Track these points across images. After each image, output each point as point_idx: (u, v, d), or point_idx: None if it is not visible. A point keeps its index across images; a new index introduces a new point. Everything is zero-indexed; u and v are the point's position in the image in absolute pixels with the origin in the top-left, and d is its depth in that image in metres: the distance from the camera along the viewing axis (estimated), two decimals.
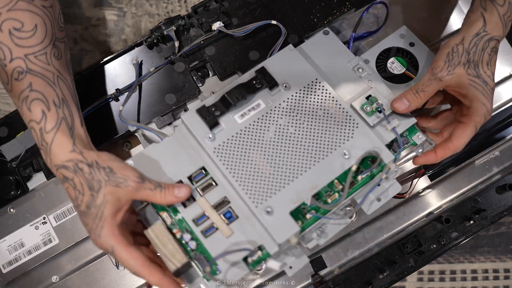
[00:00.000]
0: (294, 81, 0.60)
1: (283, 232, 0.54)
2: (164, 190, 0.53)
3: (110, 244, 0.51)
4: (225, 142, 0.57)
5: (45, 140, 0.53)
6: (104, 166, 0.52)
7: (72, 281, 0.68)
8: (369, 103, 0.59)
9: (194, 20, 0.69)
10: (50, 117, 0.53)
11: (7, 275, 0.67)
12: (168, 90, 0.68)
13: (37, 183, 0.68)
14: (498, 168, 0.70)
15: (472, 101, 0.57)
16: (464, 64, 0.56)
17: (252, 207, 0.55)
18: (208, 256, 0.54)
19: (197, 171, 0.57)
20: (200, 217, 0.56)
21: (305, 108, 0.59)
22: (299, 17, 0.70)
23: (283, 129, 0.58)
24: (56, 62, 0.55)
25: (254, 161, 0.56)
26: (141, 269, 0.51)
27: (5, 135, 0.68)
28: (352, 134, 0.58)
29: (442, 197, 0.69)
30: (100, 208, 0.51)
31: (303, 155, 0.57)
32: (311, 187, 0.56)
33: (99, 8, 0.75)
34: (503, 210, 0.67)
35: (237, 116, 0.58)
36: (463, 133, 0.58)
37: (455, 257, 0.89)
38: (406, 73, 0.64)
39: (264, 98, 0.59)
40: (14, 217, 0.68)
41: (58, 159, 0.52)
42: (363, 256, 0.68)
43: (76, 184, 0.52)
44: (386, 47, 0.65)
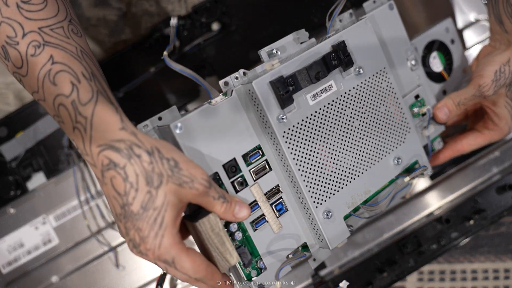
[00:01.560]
0: (365, 66, 0.52)
1: (337, 237, 0.50)
2: (226, 204, 0.44)
3: (172, 255, 0.42)
4: (295, 125, 0.49)
5: (82, 114, 0.42)
6: (168, 157, 0.42)
7: (72, 281, 0.68)
8: (418, 105, 0.57)
9: (194, 20, 0.69)
10: (83, 88, 0.42)
11: (7, 276, 0.67)
12: (168, 90, 0.68)
13: (37, 183, 0.68)
14: (498, 168, 0.70)
15: (501, 120, 0.59)
16: (507, 86, 0.57)
17: (312, 207, 0.49)
18: (253, 250, 0.49)
19: (253, 150, 0.49)
20: (252, 207, 0.49)
21: (370, 100, 0.53)
22: (299, 17, 0.70)
23: (349, 120, 0.51)
24: (77, 38, 0.46)
25: (320, 154, 0.50)
26: (203, 274, 0.44)
27: (5, 135, 0.68)
28: (404, 139, 0.55)
29: (442, 197, 0.69)
30: (161, 212, 0.41)
31: (363, 154, 0.52)
32: (365, 191, 0.52)
33: (99, 8, 0.75)
34: (503, 210, 0.67)
35: (309, 95, 0.50)
36: (475, 141, 0.60)
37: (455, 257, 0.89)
38: (442, 72, 0.62)
39: (336, 78, 0.51)
40: (14, 217, 0.68)
41: (103, 138, 0.42)
42: (363, 256, 0.67)
43: (129, 174, 0.41)
44: (432, 39, 0.61)
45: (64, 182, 0.68)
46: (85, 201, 0.68)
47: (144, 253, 0.43)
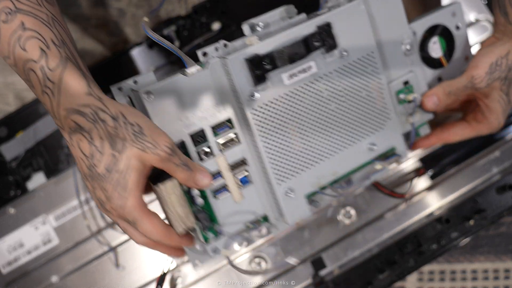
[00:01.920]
0: (352, 48, 0.52)
1: (296, 214, 0.52)
2: (188, 171, 0.46)
3: (134, 216, 0.45)
4: (267, 103, 0.50)
5: (50, 79, 0.43)
6: (132, 122, 0.43)
7: (72, 281, 0.68)
8: (405, 92, 0.56)
9: (194, 20, 0.69)
10: (52, 54, 0.44)
11: (7, 276, 0.67)
12: None
13: (37, 183, 0.68)
14: (498, 168, 0.70)
15: (491, 114, 0.57)
16: (501, 80, 0.55)
17: (274, 184, 0.51)
18: (212, 216, 0.51)
19: (222, 122, 0.50)
20: (215, 176, 0.51)
21: (352, 84, 0.52)
22: None
23: (325, 102, 0.52)
24: (49, 6, 0.47)
25: (288, 133, 0.51)
26: (161, 236, 0.46)
27: (5, 135, 0.68)
28: (383, 126, 0.55)
29: (442, 197, 0.69)
30: (125, 174, 0.44)
31: (335, 137, 0.53)
32: (332, 173, 0.53)
33: (99, 8, 0.75)
34: (503, 210, 0.67)
35: (285, 75, 0.50)
36: (462, 132, 0.58)
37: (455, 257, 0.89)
38: (441, 58, 0.60)
39: (317, 60, 0.51)
40: (14, 217, 0.68)
41: (69, 102, 0.43)
42: (363, 256, 0.67)
43: (94, 137, 0.43)
44: (436, 23, 0.59)
45: (64, 182, 0.68)
46: (85, 201, 0.68)
47: (109, 211, 0.45)
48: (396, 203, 0.68)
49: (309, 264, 0.67)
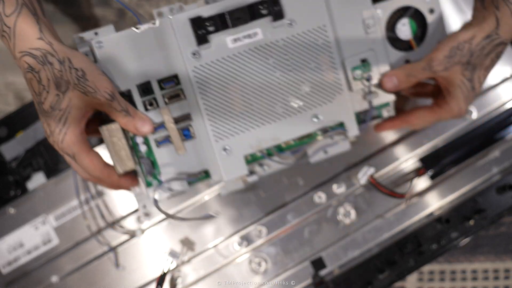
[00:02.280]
0: (301, 20, 0.53)
1: (232, 171, 0.55)
2: (129, 117, 0.51)
3: (73, 150, 0.50)
4: (208, 63, 0.53)
5: (6, 24, 0.48)
6: (77, 67, 0.48)
7: (72, 281, 0.68)
8: (360, 69, 0.56)
9: None
10: (8, 1, 0.48)
11: (7, 276, 0.67)
12: None
13: (37, 183, 0.68)
14: (498, 168, 0.70)
15: (452, 99, 0.56)
16: (463, 64, 0.55)
17: (212, 141, 0.54)
18: (155, 165, 0.55)
19: (169, 78, 0.53)
20: (158, 126, 0.54)
21: (300, 55, 0.54)
22: None
23: (269, 70, 0.54)
24: None
25: (230, 94, 0.54)
26: (99, 173, 0.52)
27: (5, 135, 0.68)
28: (332, 99, 0.56)
29: (442, 197, 0.69)
30: (65, 112, 0.49)
31: (278, 105, 0.55)
32: (273, 138, 0.55)
33: (99, 8, 0.75)
34: (503, 210, 0.67)
35: (229, 39, 0.53)
36: (424, 117, 0.58)
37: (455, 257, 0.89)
38: (410, 41, 0.59)
39: (264, 27, 0.53)
40: (14, 217, 0.68)
41: (23, 45, 0.48)
42: (363, 256, 0.68)
43: (42, 78, 0.48)
44: (406, 4, 0.58)
45: (64, 182, 0.68)
46: (85, 201, 0.68)
47: (52, 144, 0.51)
48: (396, 203, 0.68)
49: (309, 264, 0.67)
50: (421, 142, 0.70)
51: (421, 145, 0.70)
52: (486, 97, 0.71)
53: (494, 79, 0.72)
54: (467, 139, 0.70)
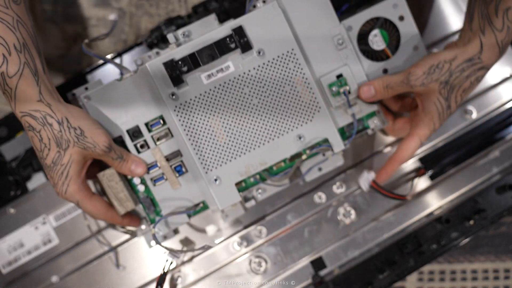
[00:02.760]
0: (270, 47, 0.56)
1: (226, 200, 0.57)
2: (123, 162, 0.56)
3: (76, 198, 0.54)
4: (187, 102, 0.56)
5: (8, 85, 0.51)
6: (75, 126, 0.52)
7: (72, 281, 0.68)
8: (337, 84, 0.58)
9: (194, 20, 0.69)
10: (12, 61, 0.51)
11: (7, 276, 0.67)
12: None
13: (37, 183, 0.68)
14: (498, 168, 0.70)
15: (426, 115, 0.57)
16: (441, 83, 0.55)
17: (202, 173, 0.57)
18: (154, 202, 0.59)
19: (155, 119, 0.58)
20: (152, 166, 0.58)
21: (273, 80, 0.56)
22: None
23: (247, 98, 0.56)
24: (15, 7, 0.53)
25: (212, 127, 0.56)
26: (103, 216, 0.57)
27: (5, 135, 0.68)
28: (312, 118, 0.57)
29: (442, 197, 0.69)
30: (67, 167, 0.53)
31: (260, 130, 0.57)
32: (261, 163, 0.57)
33: (99, 8, 0.75)
34: (503, 210, 0.67)
35: (203, 75, 0.55)
36: (407, 145, 0.58)
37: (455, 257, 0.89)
38: (385, 50, 0.61)
39: (235, 60, 0.56)
40: (14, 217, 0.68)
41: (23, 107, 0.51)
42: (363, 256, 0.68)
43: (43, 137, 0.52)
44: (374, 16, 0.60)
45: None
46: None
47: (56, 194, 0.55)
48: (396, 203, 0.68)
49: (309, 264, 0.67)
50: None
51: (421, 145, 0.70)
52: (486, 97, 0.71)
53: (494, 79, 0.72)
54: (467, 139, 0.70)
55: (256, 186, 0.61)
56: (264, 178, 0.59)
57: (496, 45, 0.55)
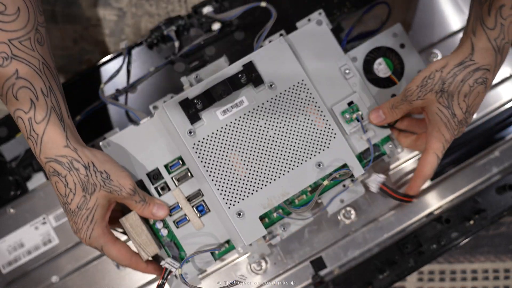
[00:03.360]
0: (281, 80, 0.58)
1: (251, 234, 0.56)
2: (146, 205, 0.55)
3: (100, 243, 0.54)
4: (205, 138, 0.56)
5: (35, 131, 0.51)
6: (101, 170, 0.52)
7: (72, 281, 0.68)
8: (349, 111, 0.60)
9: (194, 20, 0.69)
10: (39, 106, 0.51)
11: (7, 275, 0.67)
12: (168, 90, 0.68)
13: (37, 183, 0.68)
14: (498, 168, 0.70)
15: (433, 129, 0.57)
16: (436, 92, 0.54)
17: (225, 208, 0.56)
18: (178, 245, 0.58)
19: (174, 160, 0.58)
20: (174, 208, 0.58)
21: (287, 111, 0.58)
22: (299, 17, 0.70)
23: (263, 131, 0.57)
24: (40, 48, 0.53)
25: (231, 161, 0.56)
26: (128, 262, 0.55)
27: (5, 135, 0.68)
28: (329, 145, 0.58)
29: (442, 197, 0.69)
30: (92, 211, 0.52)
31: (279, 161, 0.57)
32: (282, 194, 0.57)
33: (99, 8, 0.75)
34: (503, 210, 0.67)
35: (219, 111, 0.57)
36: (425, 162, 0.58)
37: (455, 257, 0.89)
38: (391, 77, 0.63)
39: (248, 95, 0.57)
40: (14, 217, 0.68)
41: (50, 152, 0.51)
42: (363, 256, 0.68)
43: (68, 182, 0.51)
44: (376, 46, 0.63)
45: None
46: None
47: (80, 239, 0.54)
48: (396, 203, 0.68)
49: (309, 264, 0.67)
50: None
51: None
52: (486, 97, 0.71)
53: (494, 79, 0.71)
54: (467, 139, 0.70)
55: (280, 222, 0.60)
56: (288, 212, 0.59)
57: (489, 43, 0.53)
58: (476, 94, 0.54)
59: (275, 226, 0.60)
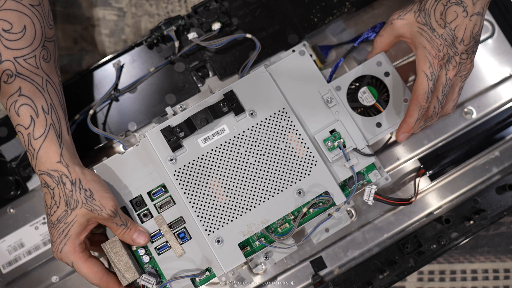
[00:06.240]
0: (261, 108, 0.59)
1: (230, 261, 0.57)
2: (127, 229, 0.56)
3: (70, 259, 0.55)
4: (186, 165, 0.58)
5: (32, 146, 0.54)
6: (86, 188, 0.54)
7: (72, 281, 0.68)
8: (331, 139, 0.60)
9: (194, 20, 0.69)
10: (39, 123, 0.53)
11: (7, 276, 0.67)
12: (168, 90, 0.68)
13: (37, 183, 0.68)
14: (498, 168, 0.70)
15: (417, 48, 0.58)
16: (415, 12, 0.58)
17: (204, 235, 0.57)
18: (159, 272, 0.58)
19: (157, 188, 0.59)
20: (155, 234, 0.58)
21: (268, 139, 0.59)
22: (299, 17, 0.70)
23: (243, 158, 0.58)
24: (45, 65, 0.55)
25: (212, 188, 0.57)
26: (99, 281, 0.56)
27: (5, 135, 0.68)
28: (309, 172, 0.58)
29: (442, 197, 0.69)
30: (69, 226, 0.54)
31: (259, 188, 0.58)
32: (262, 221, 0.57)
33: (99, 8, 0.75)
34: (503, 210, 0.67)
35: (200, 139, 0.58)
36: (415, 85, 0.58)
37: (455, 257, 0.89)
38: (376, 105, 0.63)
39: (229, 123, 0.59)
40: (14, 217, 0.68)
41: (43, 166, 0.53)
42: (363, 256, 0.68)
43: (55, 194, 0.53)
44: (360, 74, 0.63)
45: None
46: None
47: (53, 253, 0.56)
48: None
49: (309, 264, 0.67)
50: (421, 142, 0.70)
51: (421, 145, 0.70)
52: (486, 97, 0.71)
53: (494, 79, 0.72)
54: (467, 139, 0.70)
55: (263, 251, 0.60)
56: (271, 240, 0.59)
57: None
58: (453, 13, 0.56)
59: (258, 255, 0.60)
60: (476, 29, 0.57)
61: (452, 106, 0.61)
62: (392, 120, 0.62)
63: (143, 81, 0.69)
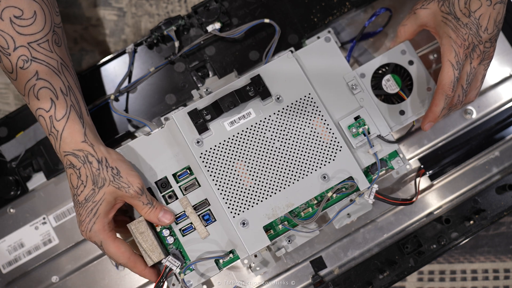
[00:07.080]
0: (287, 93, 0.60)
1: (255, 244, 0.57)
2: (153, 208, 0.56)
3: (100, 238, 0.55)
4: (212, 148, 0.58)
5: (55, 127, 0.54)
6: (112, 166, 0.54)
7: (72, 281, 0.68)
8: (355, 126, 0.60)
9: (194, 20, 0.69)
10: (59, 105, 0.54)
11: (7, 276, 0.67)
12: (168, 90, 0.68)
13: (37, 183, 0.68)
14: (498, 168, 0.70)
15: (442, 38, 0.58)
16: (438, 1, 0.58)
17: (230, 217, 0.57)
18: (184, 253, 0.58)
19: (182, 170, 0.59)
20: (180, 216, 0.58)
21: (293, 124, 0.59)
22: (299, 17, 0.70)
23: (269, 142, 0.58)
24: (58, 49, 0.55)
25: (237, 172, 0.58)
26: (127, 261, 0.56)
27: (5, 135, 0.68)
28: (334, 157, 0.58)
29: (442, 197, 0.69)
30: (97, 204, 0.54)
31: (284, 172, 0.58)
32: (287, 204, 0.58)
33: (99, 8, 0.75)
34: (503, 210, 0.67)
35: (226, 123, 0.58)
36: (441, 74, 0.58)
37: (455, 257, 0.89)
38: (399, 93, 0.63)
39: (255, 107, 0.59)
40: (14, 217, 0.68)
41: (68, 147, 0.54)
42: (363, 256, 0.68)
43: (81, 174, 0.54)
44: (384, 63, 0.64)
45: (64, 182, 0.68)
46: None
47: (81, 233, 0.55)
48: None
49: (309, 264, 0.67)
50: (421, 142, 0.70)
51: (421, 145, 0.70)
52: (486, 97, 0.71)
53: (494, 79, 0.72)
54: (467, 139, 0.70)
55: (286, 234, 0.60)
56: (294, 224, 0.59)
57: None
58: (478, 2, 0.56)
59: (280, 238, 0.60)
60: (499, 18, 0.57)
61: (475, 94, 0.61)
62: (416, 109, 0.62)
63: (143, 81, 0.69)
